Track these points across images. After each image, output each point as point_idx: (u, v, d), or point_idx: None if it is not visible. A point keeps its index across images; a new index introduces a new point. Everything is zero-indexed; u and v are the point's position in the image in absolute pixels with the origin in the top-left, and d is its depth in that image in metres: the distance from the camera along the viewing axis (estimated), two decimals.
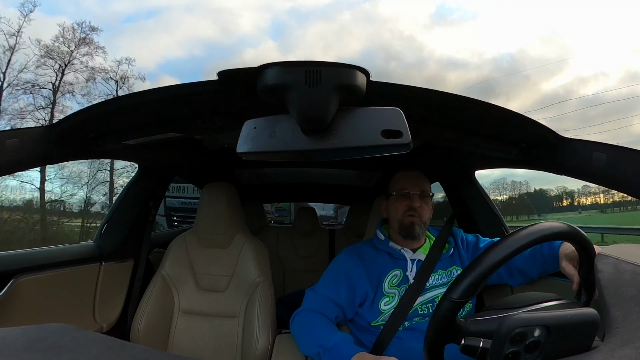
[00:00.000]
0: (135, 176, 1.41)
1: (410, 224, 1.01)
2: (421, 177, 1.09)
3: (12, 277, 0.92)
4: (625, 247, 0.54)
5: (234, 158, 1.18)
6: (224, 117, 0.77)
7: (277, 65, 0.49)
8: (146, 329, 1.15)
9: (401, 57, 27.39)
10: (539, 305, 0.55)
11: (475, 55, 29.53)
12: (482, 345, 0.50)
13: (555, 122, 18.50)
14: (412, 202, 1.03)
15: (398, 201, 1.05)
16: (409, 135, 0.48)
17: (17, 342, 0.38)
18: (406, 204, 1.03)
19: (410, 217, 1.02)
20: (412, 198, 1.03)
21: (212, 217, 1.27)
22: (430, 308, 0.96)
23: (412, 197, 1.03)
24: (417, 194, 1.04)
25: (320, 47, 26.79)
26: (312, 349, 0.86)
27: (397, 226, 1.04)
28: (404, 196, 1.04)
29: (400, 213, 1.03)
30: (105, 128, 0.86)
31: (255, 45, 26.21)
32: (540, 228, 0.54)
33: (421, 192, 1.05)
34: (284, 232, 2.42)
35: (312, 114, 0.48)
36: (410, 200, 1.03)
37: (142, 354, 0.39)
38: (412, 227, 1.01)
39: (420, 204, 1.03)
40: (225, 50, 22.86)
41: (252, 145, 0.51)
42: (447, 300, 0.53)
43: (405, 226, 1.02)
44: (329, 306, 0.96)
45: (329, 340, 0.83)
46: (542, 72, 27.95)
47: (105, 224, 1.34)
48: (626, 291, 0.45)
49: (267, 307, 1.16)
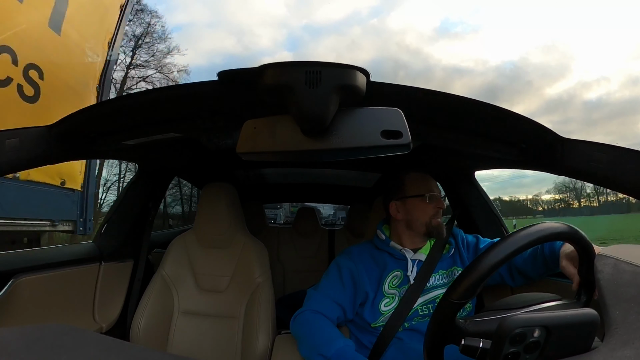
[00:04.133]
0: (135, 176, 1.41)
1: (439, 225, 1.03)
2: (433, 179, 1.11)
3: (11, 277, 0.92)
4: (625, 247, 0.54)
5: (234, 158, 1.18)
6: (224, 118, 0.77)
7: (277, 66, 0.49)
8: (146, 329, 1.14)
9: (409, 66, 27.89)
10: (539, 305, 0.55)
11: (480, 64, 29.94)
12: (482, 345, 0.49)
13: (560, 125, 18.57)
14: (439, 204, 1.04)
15: (424, 203, 1.04)
16: (409, 135, 0.48)
17: (17, 342, 0.38)
18: (434, 206, 1.03)
19: (438, 220, 1.03)
20: (439, 201, 1.05)
21: (212, 217, 1.27)
22: (430, 309, 0.96)
23: (440, 200, 1.05)
24: (442, 197, 1.07)
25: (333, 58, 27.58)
26: (312, 356, 0.85)
27: (425, 229, 1.03)
28: (432, 198, 1.04)
29: (429, 215, 1.02)
30: (105, 128, 0.86)
31: (272, 56, 27.03)
32: (539, 229, 0.54)
33: (441, 196, 1.08)
34: (284, 233, 2.42)
35: (312, 114, 0.48)
36: (438, 203, 1.04)
37: (141, 354, 0.39)
38: (441, 229, 1.03)
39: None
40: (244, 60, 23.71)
41: (252, 145, 0.51)
42: (447, 301, 0.53)
43: (435, 228, 1.02)
44: (331, 306, 0.96)
45: (328, 349, 0.82)
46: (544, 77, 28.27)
47: (105, 224, 1.34)
48: (626, 291, 0.45)
49: (267, 307, 1.16)
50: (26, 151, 0.75)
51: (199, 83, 0.65)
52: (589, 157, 0.69)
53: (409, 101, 0.67)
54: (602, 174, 0.68)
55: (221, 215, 1.26)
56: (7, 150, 0.71)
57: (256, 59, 24.30)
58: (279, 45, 27.83)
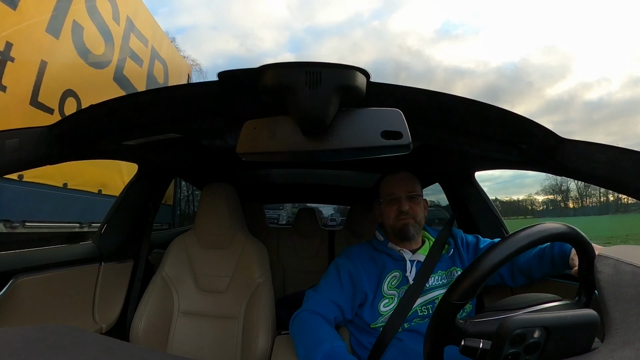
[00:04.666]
0: (135, 177, 1.41)
1: (403, 226, 1.01)
2: (408, 177, 1.08)
3: (11, 277, 0.92)
4: (625, 248, 0.54)
5: (234, 159, 1.18)
6: (224, 118, 0.77)
7: (277, 66, 0.49)
8: (146, 330, 1.14)
9: (410, 67, 28.03)
10: (539, 306, 0.55)
11: (481, 65, 30.03)
12: (482, 346, 0.49)
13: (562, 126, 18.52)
14: (400, 206, 1.02)
15: (388, 206, 1.04)
16: (409, 136, 0.48)
17: (17, 343, 0.38)
18: (396, 209, 1.03)
19: (402, 221, 1.02)
20: (400, 202, 1.03)
21: (211, 217, 1.27)
22: (430, 309, 0.96)
23: (401, 200, 1.03)
24: (405, 196, 1.03)
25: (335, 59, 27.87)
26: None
27: (391, 231, 1.04)
28: (392, 201, 1.04)
29: (391, 218, 1.03)
30: (105, 128, 0.86)
31: (274, 57, 27.10)
32: (539, 229, 0.54)
33: (409, 194, 1.04)
34: (284, 233, 2.42)
35: (312, 114, 0.48)
36: (399, 204, 1.03)
37: (141, 355, 0.39)
38: (405, 229, 1.01)
39: (410, 206, 1.02)
40: (247, 62, 23.81)
41: (252, 145, 0.51)
42: (446, 302, 0.53)
43: (398, 229, 1.02)
44: (328, 307, 0.95)
45: (316, 354, 0.79)
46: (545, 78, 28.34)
47: (105, 225, 1.34)
48: (626, 292, 0.45)
49: (267, 308, 1.16)
50: (26, 151, 0.75)
51: (199, 83, 0.65)
52: (589, 158, 0.70)
53: (409, 102, 0.67)
54: (602, 175, 0.69)
55: (221, 216, 1.26)
56: (7, 150, 0.71)
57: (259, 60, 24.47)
58: (281, 47, 27.93)
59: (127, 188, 1.40)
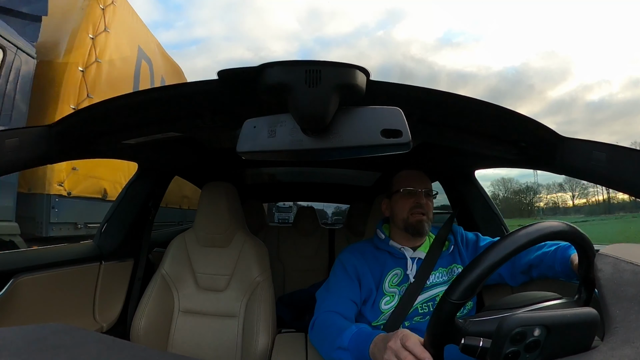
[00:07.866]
0: (135, 176, 1.41)
1: (417, 222, 1.01)
2: (424, 175, 1.09)
3: (11, 276, 0.92)
4: (625, 246, 0.54)
5: (234, 158, 1.17)
6: (224, 117, 0.77)
7: (277, 65, 0.49)
8: (146, 329, 1.15)
9: (414, 74, 28.13)
10: (539, 304, 0.55)
11: (482, 69, 30.07)
12: (482, 345, 0.49)
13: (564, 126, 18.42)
14: (418, 198, 1.02)
15: (403, 199, 1.03)
16: (409, 134, 0.47)
17: (17, 342, 0.38)
18: (413, 201, 1.02)
19: (417, 215, 1.01)
20: (418, 195, 1.03)
21: (211, 216, 1.27)
22: (430, 307, 0.96)
23: (419, 194, 1.03)
24: (423, 191, 1.04)
25: None
26: (332, 353, 0.80)
27: (403, 225, 1.03)
28: (410, 193, 1.03)
29: (406, 211, 1.02)
30: (105, 127, 0.85)
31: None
32: (538, 228, 0.54)
33: (426, 190, 1.05)
34: (284, 232, 2.42)
35: (312, 113, 0.48)
36: (417, 197, 1.02)
37: (141, 354, 0.39)
38: (420, 225, 1.01)
39: (426, 202, 1.03)
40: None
41: (252, 144, 0.51)
42: (446, 301, 0.53)
43: (412, 224, 1.01)
44: (346, 305, 0.93)
45: (342, 340, 0.78)
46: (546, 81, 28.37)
47: (105, 224, 1.34)
48: (626, 290, 0.45)
49: (267, 306, 1.16)
50: (26, 151, 0.75)
51: (199, 82, 0.65)
52: (589, 156, 0.69)
53: (409, 100, 0.67)
54: (602, 173, 0.68)
55: (221, 215, 1.26)
56: (7, 150, 0.71)
57: None
58: (292, 56, 28.12)
59: (127, 187, 1.40)
